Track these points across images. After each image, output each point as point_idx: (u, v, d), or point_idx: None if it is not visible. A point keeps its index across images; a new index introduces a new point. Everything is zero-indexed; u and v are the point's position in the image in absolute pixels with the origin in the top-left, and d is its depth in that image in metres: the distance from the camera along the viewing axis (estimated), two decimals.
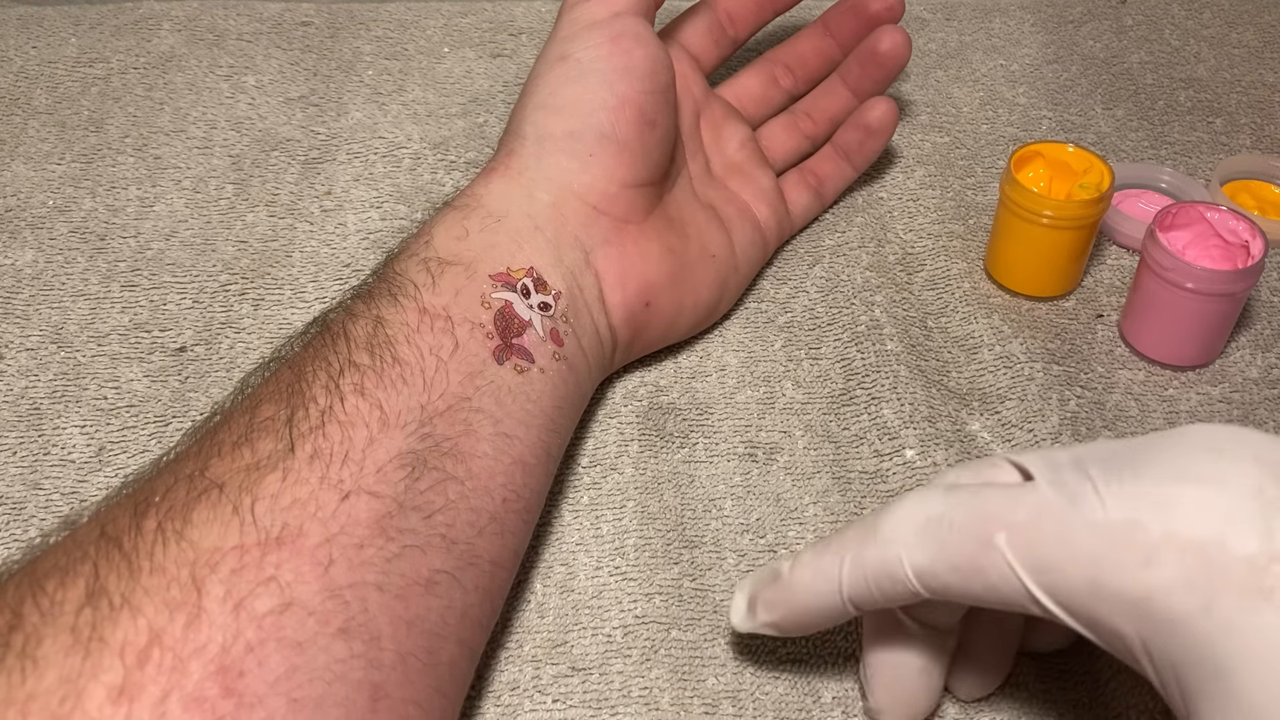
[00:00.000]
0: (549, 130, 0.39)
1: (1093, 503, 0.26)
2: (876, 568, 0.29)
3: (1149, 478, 0.26)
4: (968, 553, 0.28)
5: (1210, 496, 0.25)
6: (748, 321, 0.46)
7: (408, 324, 0.33)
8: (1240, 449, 0.26)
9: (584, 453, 0.41)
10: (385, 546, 0.29)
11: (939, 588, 0.28)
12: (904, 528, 0.29)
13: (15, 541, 0.38)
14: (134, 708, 0.24)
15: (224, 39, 0.59)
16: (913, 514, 0.29)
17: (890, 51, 0.47)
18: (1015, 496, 0.27)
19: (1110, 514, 0.26)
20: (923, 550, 0.28)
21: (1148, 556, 0.25)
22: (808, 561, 0.31)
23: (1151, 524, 0.25)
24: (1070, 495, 0.26)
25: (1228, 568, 0.24)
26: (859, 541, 0.30)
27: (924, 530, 0.28)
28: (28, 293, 0.46)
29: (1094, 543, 0.26)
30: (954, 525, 0.28)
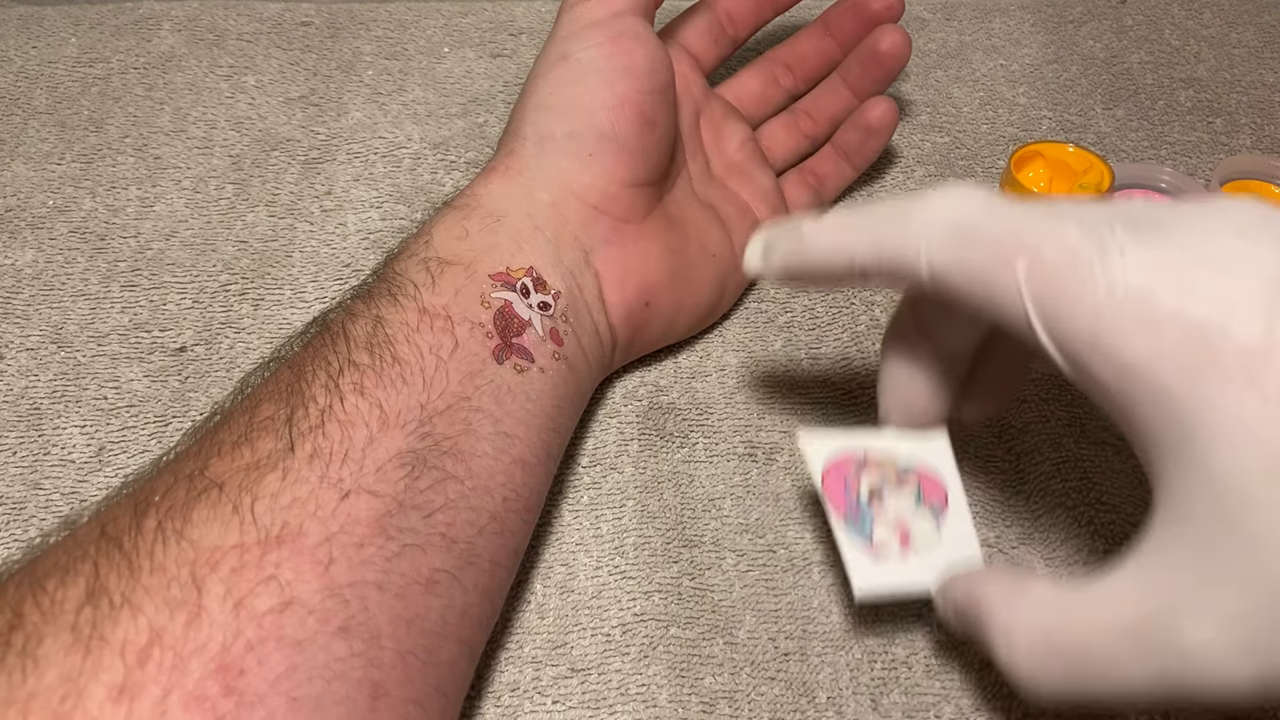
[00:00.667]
0: (549, 130, 0.39)
1: (1115, 262, 0.27)
2: (896, 254, 0.30)
3: (1174, 250, 0.26)
4: (986, 269, 0.28)
5: (1223, 280, 0.26)
6: (748, 321, 0.46)
7: (407, 323, 0.33)
8: (1266, 236, 0.26)
9: (584, 452, 0.41)
10: (385, 545, 0.29)
11: (947, 290, 0.29)
12: (934, 226, 0.29)
13: (15, 541, 0.38)
14: (134, 706, 0.24)
15: (224, 39, 0.59)
16: (947, 215, 0.29)
17: (890, 51, 0.47)
18: (1051, 229, 0.28)
19: (1128, 278, 0.26)
20: (945, 252, 0.29)
21: (1151, 327, 0.26)
22: (831, 228, 0.32)
23: (1162, 297, 0.26)
24: (1099, 249, 0.27)
25: (1223, 351, 0.25)
26: (887, 224, 0.31)
27: (952, 233, 0.29)
28: (28, 293, 0.46)
29: (1105, 302, 0.26)
30: (982, 239, 0.29)
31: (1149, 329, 0.26)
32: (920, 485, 0.35)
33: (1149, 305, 0.26)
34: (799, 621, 0.37)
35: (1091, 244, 0.27)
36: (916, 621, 0.37)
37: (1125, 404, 0.27)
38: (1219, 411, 0.25)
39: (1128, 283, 0.26)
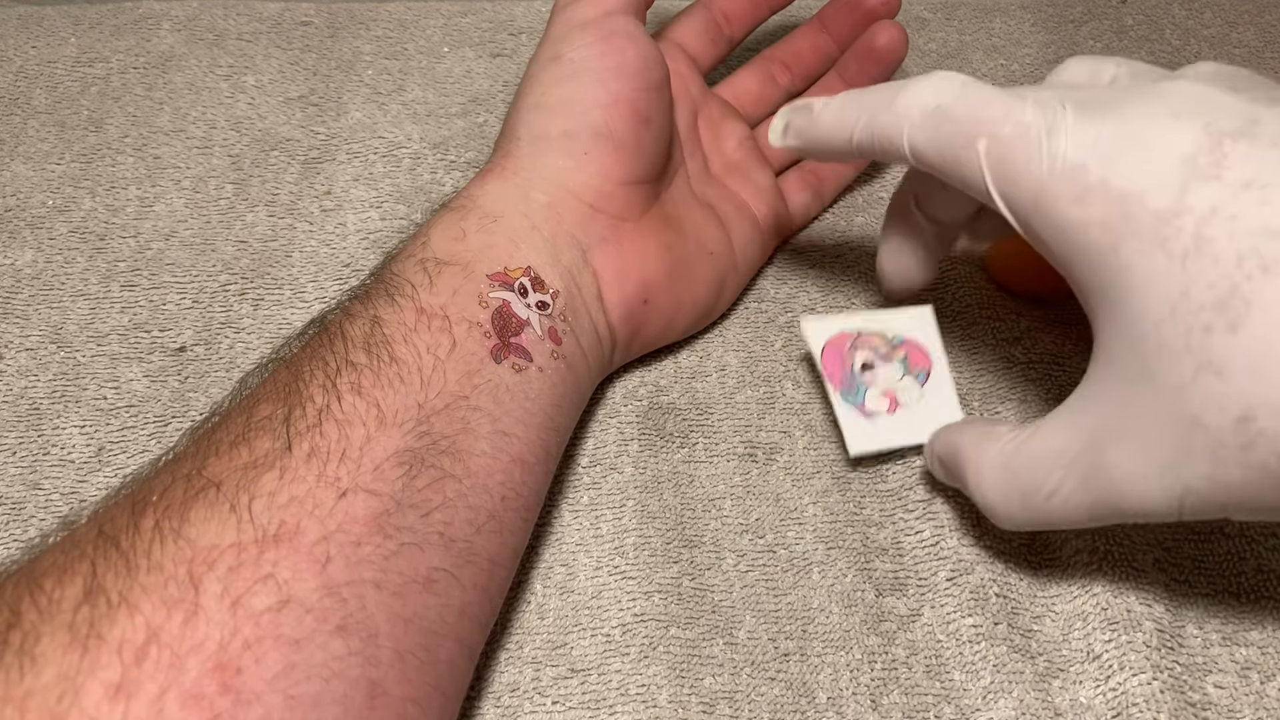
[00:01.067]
0: (544, 130, 0.39)
1: (1061, 138, 0.30)
2: (884, 132, 0.34)
3: (1110, 128, 0.30)
4: (954, 146, 0.32)
5: (1148, 154, 0.29)
6: (748, 321, 0.46)
7: (405, 323, 0.33)
8: (1195, 115, 0.29)
9: (584, 452, 0.41)
10: (383, 544, 0.29)
11: (925, 164, 0.34)
12: (915, 107, 0.33)
13: (15, 541, 0.38)
14: (132, 705, 0.24)
15: (224, 39, 0.59)
16: (926, 98, 0.33)
17: (887, 47, 0.47)
18: (1011, 109, 0.31)
19: (1067, 152, 0.30)
20: (922, 130, 0.33)
21: (1081, 196, 0.30)
22: (835, 107, 0.37)
23: (1093, 169, 0.29)
24: (1048, 126, 0.31)
25: (1139, 217, 0.28)
26: (880, 104, 0.35)
27: (929, 115, 0.33)
28: (27, 293, 0.46)
29: (1047, 174, 0.30)
30: (953, 118, 0.33)
31: (1080, 198, 0.30)
32: (908, 355, 0.41)
33: (1082, 177, 0.30)
34: (799, 622, 0.36)
35: (1042, 122, 0.31)
36: (915, 621, 0.36)
37: (1066, 264, 0.31)
38: (1135, 270, 0.28)
39: (1066, 157, 0.30)
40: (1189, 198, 0.28)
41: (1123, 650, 0.35)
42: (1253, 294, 0.26)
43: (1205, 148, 0.28)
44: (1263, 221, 0.27)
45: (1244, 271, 0.27)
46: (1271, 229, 0.27)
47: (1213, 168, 0.28)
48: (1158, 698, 0.34)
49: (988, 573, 0.37)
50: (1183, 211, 0.28)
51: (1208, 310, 0.27)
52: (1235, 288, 0.27)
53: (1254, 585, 0.37)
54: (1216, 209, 0.27)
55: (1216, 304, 0.27)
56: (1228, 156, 0.28)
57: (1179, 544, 0.38)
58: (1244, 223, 0.27)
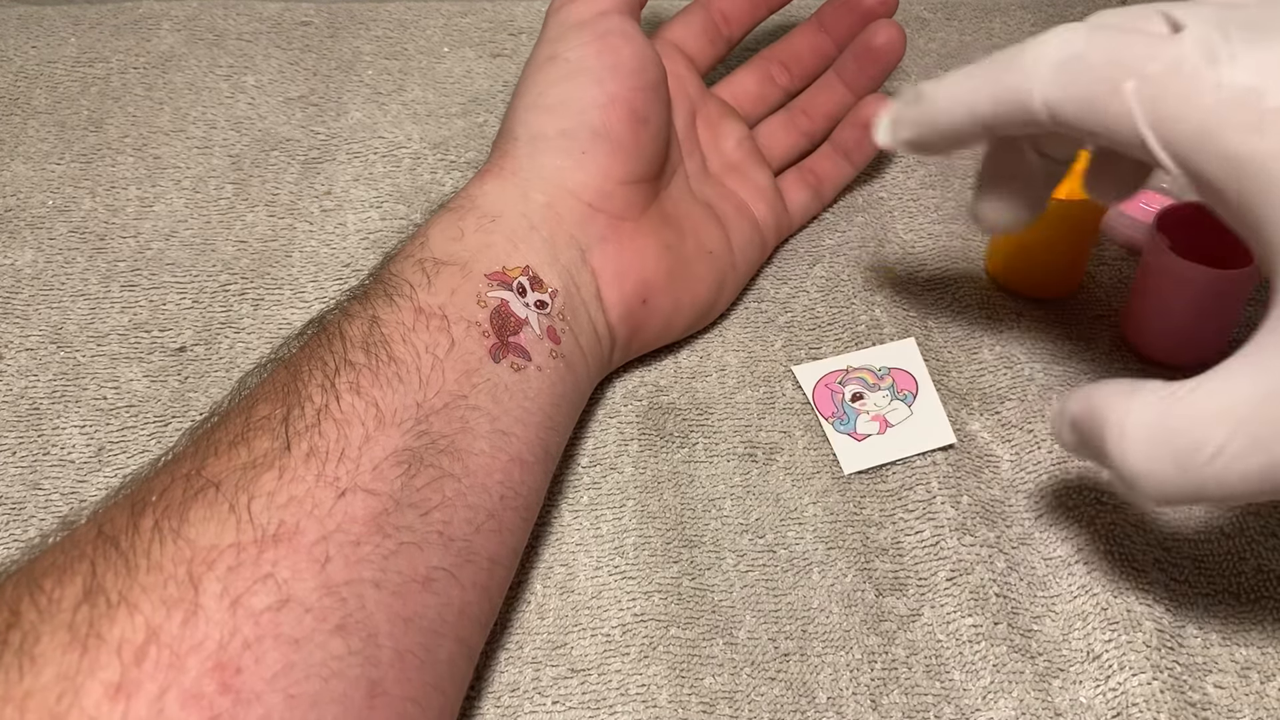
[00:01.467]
0: (541, 130, 0.39)
1: (1224, 63, 0.27)
2: (1013, 95, 0.31)
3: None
4: (1097, 94, 0.29)
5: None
6: (748, 321, 0.46)
7: (403, 323, 0.33)
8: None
9: (584, 452, 0.41)
10: (382, 544, 0.29)
11: (1065, 120, 0.31)
12: (1044, 62, 0.31)
13: (15, 541, 0.38)
14: (131, 704, 0.24)
15: (224, 39, 0.59)
16: (1056, 50, 0.31)
17: (885, 46, 0.47)
18: (1155, 47, 0.29)
19: (1236, 77, 0.27)
20: (1057, 85, 0.30)
21: (1260, 122, 0.27)
22: (950, 84, 0.34)
23: (1271, 93, 0.27)
24: (1207, 54, 0.28)
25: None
26: (1001, 68, 0.32)
27: (1062, 67, 0.30)
28: (27, 293, 0.46)
29: (1215, 102, 0.27)
30: (1090, 66, 0.30)
31: (1258, 124, 0.27)
32: (895, 381, 0.43)
33: (1257, 101, 0.27)
34: (799, 622, 0.36)
35: (1198, 51, 0.28)
36: (915, 621, 0.36)
37: (1236, 200, 0.28)
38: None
39: (1234, 82, 0.27)
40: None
41: (1123, 650, 0.35)
42: None
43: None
44: None
45: None
46: None
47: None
48: (1158, 698, 0.34)
49: (988, 573, 0.37)
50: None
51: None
52: None
53: (1254, 585, 0.37)
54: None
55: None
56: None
57: (1179, 544, 0.38)
58: None
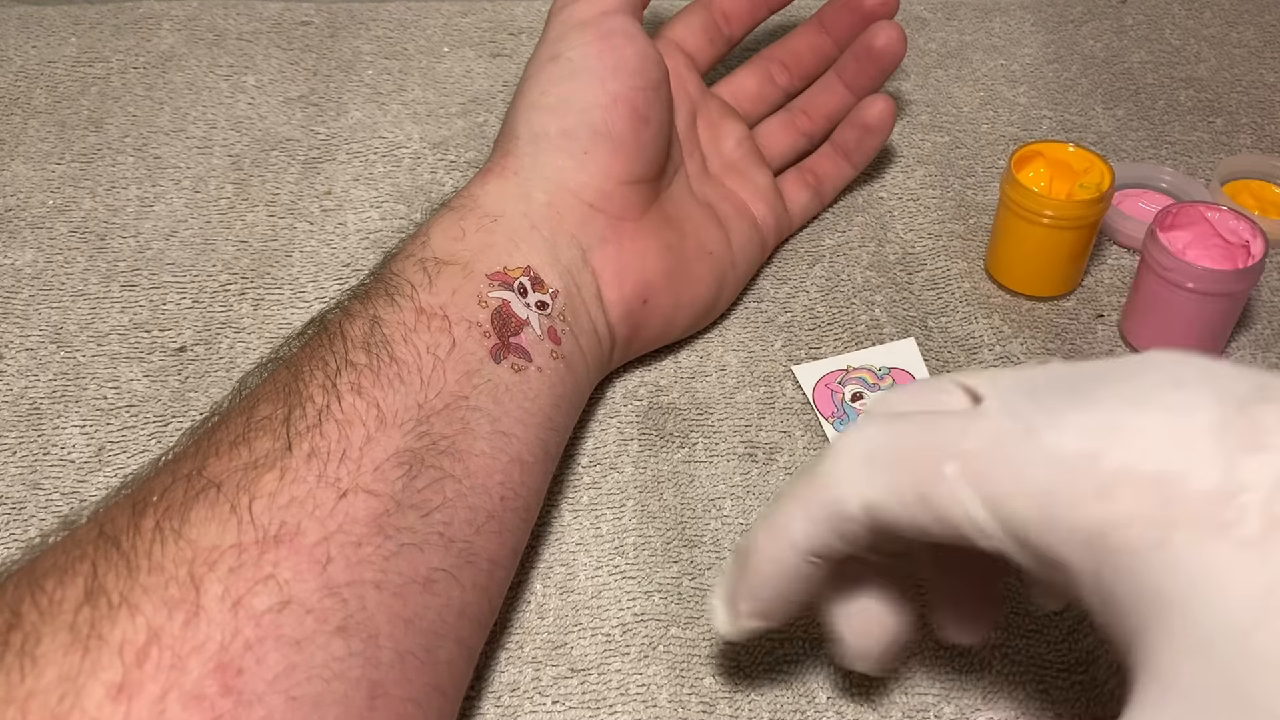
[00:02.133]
0: (543, 129, 0.39)
1: (1046, 431, 0.25)
2: (828, 511, 0.28)
3: (1106, 406, 0.25)
4: (917, 485, 0.26)
5: (1171, 428, 0.24)
6: (748, 321, 0.46)
7: (404, 323, 0.33)
8: (1202, 383, 0.24)
9: (584, 452, 0.41)
10: (383, 545, 0.29)
11: (890, 522, 0.27)
12: (850, 464, 0.28)
13: (15, 541, 0.38)
14: (133, 705, 0.24)
15: (224, 39, 0.59)
16: (858, 449, 0.28)
17: (886, 47, 0.47)
18: (966, 424, 0.26)
19: (1066, 443, 0.25)
20: (871, 484, 0.27)
21: (1104, 488, 0.24)
22: (762, 526, 0.30)
23: (1109, 455, 0.24)
24: (1025, 423, 0.25)
25: (1186, 501, 0.23)
26: (806, 488, 0.28)
27: (871, 464, 0.27)
28: (28, 293, 0.46)
29: (1049, 473, 0.24)
30: (903, 456, 0.27)
31: (1102, 490, 0.24)
32: (894, 380, 0.43)
33: (1096, 466, 0.24)
34: (798, 621, 0.36)
35: (1013, 420, 0.26)
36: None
37: (1092, 578, 0.24)
38: (1192, 567, 0.22)
39: (1065, 448, 0.24)
40: (1240, 473, 0.23)
41: None
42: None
43: (1232, 413, 0.23)
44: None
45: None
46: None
47: (1251, 433, 0.23)
48: None
49: None
50: (1238, 490, 0.22)
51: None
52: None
53: None
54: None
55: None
56: (1262, 420, 0.23)
57: None
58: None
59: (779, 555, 0.29)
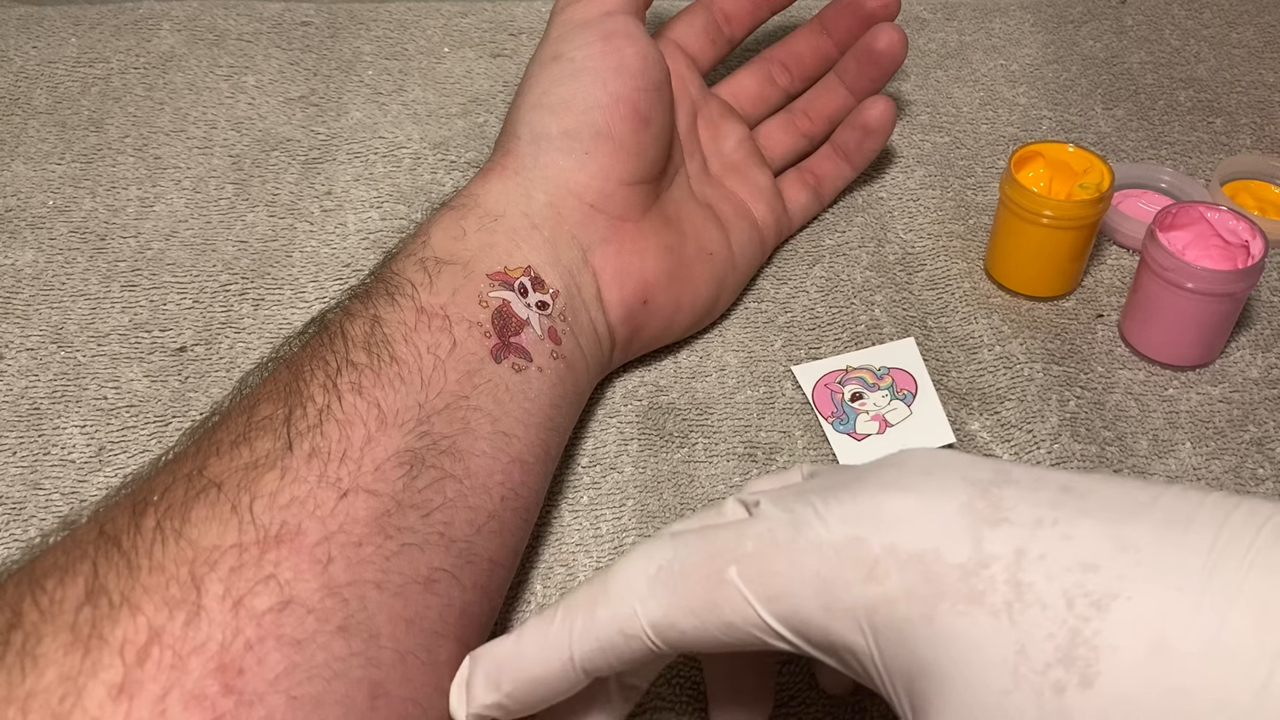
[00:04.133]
0: (544, 130, 0.39)
1: (815, 524, 0.26)
2: (610, 627, 0.28)
3: (866, 497, 0.26)
4: (702, 594, 0.27)
5: (924, 511, 0.25)
6: (748, 321, 0.46)
7: (405, 323, 0.33)
8: (949, 470, 0.26)
9: (584, 452, 0.41)
10: (384, 545, 0.29)
11: (676, 638, 0.27)
12: (634, 581, 0.28)
13: (15, 541, 0.38)
14: (134, 705, 0.24)
15: (224, 39, 0.59)
16: (642, 566, 0.28)
17: (887, 49, 0.47)
18: (741, 529, 0.27)
19: (833, 532, 0.26)
20: (656, 600, 0.27)
21: (870, 570, 0.25)
22: (534, 630, 0.29)
23: (872, 539, 0.25)
24: (794, 520, 0.27)
25: (943, 576, 0.24)
26: (589, 603, 0.28)
27: (655, 580, 0.27)
28: (28, 293, 0.46)
29: (820, 562, 0.26)
30: (685, 568, 0.27)
31: (869, 572, 0.25)
32: (894, 381, 0.43)
33: (862, 550, 0.25)
34: None
35: (785, 520, 0.27)
36: None
37: (875, 655, 0.25)
38: (958, 636, 0.24)
39: (833, 537, 0.26)
40: (987, 545, 0.24)
41: None
42: (1095, 637, 0.22)
43: (976, 494, 0.25)
44: (1075, 557, 0.23)
45: (1078, 613, 0.23)
46: (1086, 562, 0.23)
47: (994, 511, 0.25)
48: None
49: None
50: (988, 560, 0.24)
51: (1054, 667, 0.23)
52: (1076, 633, 0.22)
53: None
54: (1022, 551, 0.24)
55: (1060, 657, 0.23)
56: (1003, 500, 0.25)
57: None
58: (1057, 560, 0.23)
59: (549, 666, 0.28)
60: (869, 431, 0.42)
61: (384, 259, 0.37)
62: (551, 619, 0.29)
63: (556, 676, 0.28)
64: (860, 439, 0.41)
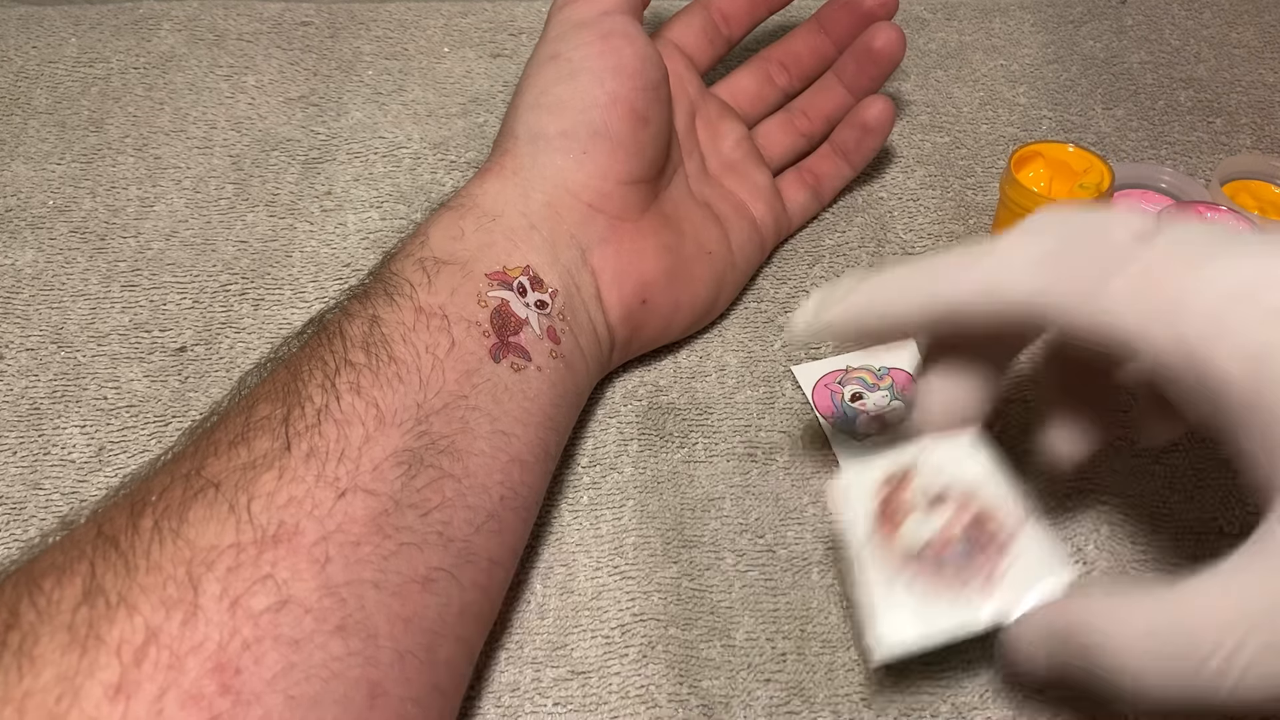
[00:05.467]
0: (542, 129, 0.39)
1: (1226, 257, 0.27)
2: (978, 285, 0.30)
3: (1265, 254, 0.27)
4: (1088, 284, 0.28)
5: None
6: (747, 321, 0.46)
7: (403, 323, 0.33)
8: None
9: (584, 452, 0.41)
10: (382, 544, 0.29)
11: (1043, 314, 0.29)
12: (1015, 256, 0.29)
13: (15, 541, 0.38)
14: (131, 705, 0.24)
15: (224, 39, 0.59)
16: (1026, 247, 0.29)
17: (885, 48, 0.47)
18: (1137, 248, 0.28)
19: (1240, 268, 0.27)
20: (1042, 275, 0.29)
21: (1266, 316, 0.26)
22: (902, 272, 0.31)
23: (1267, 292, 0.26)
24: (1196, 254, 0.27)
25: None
26: (962, 262, 0.30)
27: (1038, 261, 0.29)
28: (28, 293, 0.46)
29: (1219, 293, 0.26)
30: (1072, 261, 0.28)
31: (1264, 319, 0.26)
32: (894, 381, 0.43)
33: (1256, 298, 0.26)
34: (797, 622, 0.37)
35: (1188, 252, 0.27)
36: None
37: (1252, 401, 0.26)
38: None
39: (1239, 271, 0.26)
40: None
41: None
42: None
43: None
44: None
45: None
46: None
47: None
48: None
49: None
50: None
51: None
52: None
53: None
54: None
55: None
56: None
57: (1178, 544, 0.38)
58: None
59: (907, 304, 0.31)
60: (869, 431, 0.41)
61: (382, 259, 0.37)
62: (920, 266, 0.31)
63: (904, 315, 0.31)
64: (860, 440, 0.41)
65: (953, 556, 0.31)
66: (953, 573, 0.31)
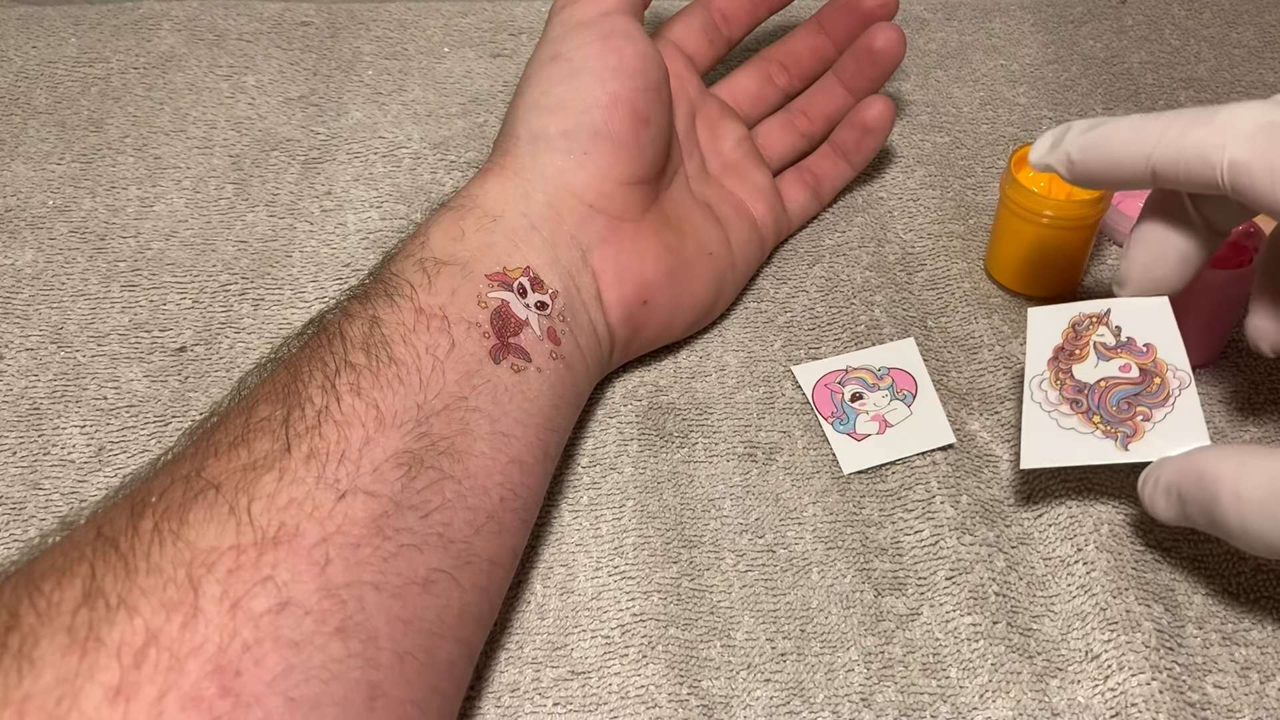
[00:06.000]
0: (543, 130, 0.39)
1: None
2: (1195, 147, 0.31)
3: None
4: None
5: None
6: (748, 321, 0.46)
7: (404, 324, 0.33)
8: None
9: (584, 452, 0.41)
10: (382, 546, 0.29)
11: (1246, 186, 0.30)
12: (1241, 123, 0.31)
13: (15, 541, 0.38)
14: (131, 707, 0.24)
15: (224, 39, 0.59)
16: (1255, 114, 0.31)
17: (885, 49, 0.47)
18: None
19: None
20: (1250, 147, 0.30)
21: None
22: (1133, 122, 0.33)
23: None
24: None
25: None
26: (1190, 120, 0.32)
27: (1260, 131, 0.30)
28: (28, 293, 0.46)
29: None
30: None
31: None
32: (894, 381, 0.43)
33: None
34: (797, 622, 0.37)
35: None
36: (914, 621, 0.36)
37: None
38: None
39: None
40: None
41: (1121, 650, 0.35)
42: None
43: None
44: None
45: None
46: None
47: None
48: (1156, 698, 0.34)
49: (987, 572, 0.37)
50: None
51: None
52: None
53: (1254, 585, 0.37)
54: None
55: None
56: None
57: (1178, 544, 0.38)
58: None
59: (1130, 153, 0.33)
60: (869, 431, 0.42)
61: (383, 260, 0.37)
62: (1149, 120, 0.33)
63: (1129, 164, 0.33)
64: (860, 439, 0.41)
65: (1115, 399, 0.36)
66: (1112, 412, 0.36)
